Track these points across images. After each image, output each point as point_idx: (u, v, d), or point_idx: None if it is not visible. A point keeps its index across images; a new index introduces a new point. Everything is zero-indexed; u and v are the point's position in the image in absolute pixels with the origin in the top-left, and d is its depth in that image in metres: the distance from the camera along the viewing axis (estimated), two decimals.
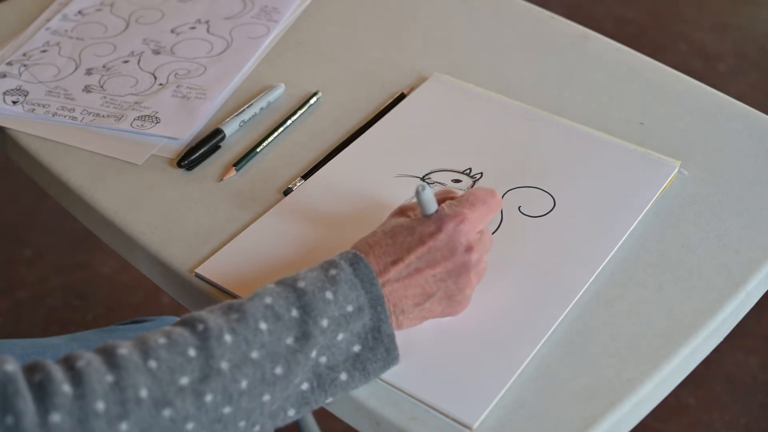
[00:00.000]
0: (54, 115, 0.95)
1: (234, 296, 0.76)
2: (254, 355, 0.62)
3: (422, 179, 0.85)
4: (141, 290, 1.84)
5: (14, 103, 0.97)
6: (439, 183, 0.85)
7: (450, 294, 0.71)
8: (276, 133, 0.92)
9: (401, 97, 0.95)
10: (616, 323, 0.73)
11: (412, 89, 0.96)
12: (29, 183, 1.03)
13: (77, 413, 0.56)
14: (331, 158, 0.89)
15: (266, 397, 0.63)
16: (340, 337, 0.66)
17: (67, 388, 0.57)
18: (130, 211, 0.85)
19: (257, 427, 0.64)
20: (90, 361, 0.59)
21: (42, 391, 0.56)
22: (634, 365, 0.70)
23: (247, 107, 0.94)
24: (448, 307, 0.72)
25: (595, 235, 0.80)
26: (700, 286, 0.76)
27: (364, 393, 0.69)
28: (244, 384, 0.62)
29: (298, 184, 0.86)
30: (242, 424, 0.63)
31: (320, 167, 0.88)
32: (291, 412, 0.66)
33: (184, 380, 0.60)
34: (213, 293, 0.77)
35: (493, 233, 0.80)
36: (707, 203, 0.83)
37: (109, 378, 0.58)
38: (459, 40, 1.04)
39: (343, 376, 0.66)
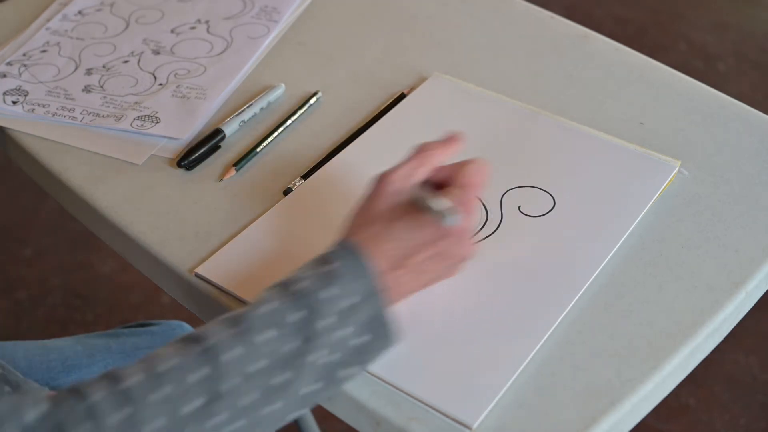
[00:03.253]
0: (54, 115, 0.95)
1: (234, 296, 0.76)
2: (261, 365, 0.62)
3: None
4: (141, 290, 1.84)
5: (14, 103, 0.97)
6: None
7: (446, 274, 0.74)
8: (276, 133, 0.92)
9: (401, 97, 0.95)
10: (616, 323, 0.73)
11: (412, 89, 0.96)
12: (29, 183, 1.03)
13: None
14: (331, 158, 0.89)
15: (278, 405, 0.63)
16: (345, 332, 0.65)
17: (86, 427, 0.57)
18: (130, 211, 0.85)
19: (278, 424, 0.65)
20: (102, 398, 0.59)
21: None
22: (634, 365, 0.70)
23: (247, 107, 0.94)
24: (440, 278, 0.74)
25: (595, 235, 0.80)
26: (700, 286, 0.76)
27: (364, 393, 0.69)
28: (255, 396, 0.62)
29: (298, 184, 0.86)
30: (259, 430, 0.63)
31: (320, 167, 0.88)
32: (305, 410, 0.66)
33: (196, 404, 0.60)
34: (213, 293, 0.77)
35: (492, 233, 0.80)
36: (707, 203, 0.83)
37: (122, 415, 0.58)
38: (459, 40, 1.04)
39: (354, 369, 0.67)
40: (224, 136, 0.92)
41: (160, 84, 0.99)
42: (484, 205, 0.83)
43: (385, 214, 0.71)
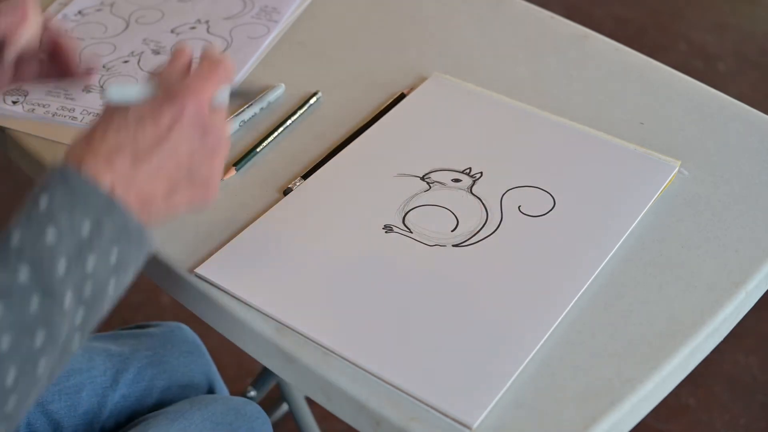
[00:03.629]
0: (54, 115, 0.95)
1: (234, 296, 0.76)
2: (4, 345, 0.56)
3: (422, 179, 0.85)
4: (141, 290, 1.84)
5: (14, 103, 0.97)
6: (439, 183, 0.85)
7: (196, 180, 0.67)
8: (276, 133, 0.92)
9: (401, 97, 0.95)
10: (616, 323, 0.73)
11: (412, 89, 0.96)
12: (29, 183, 1.03)
13: None
14: (331, 158, 0.89)
15: (41, 366, 0.58)
16: (90, 263, 0.60)
17: None
18: None
19: (52, 376, 0.60)
20: None
21: None
22: (634, 365, 0.70)
23: (247, 107, 0.94)
24: (195, 195, 0.68)
25: (595, 235, 0.80)
26: (700, 286, 0.76)
27: (364, 393, 0.69)
28: (10, 378, 0.57)
29: (298, 184, 0.86)
30: (34, 394, 0.59)
31: (320, 167, 0.88)
32: (75, 345, 0.61)
33: None
34: (213, 293, 0.77)
35: (492, 233, 0.80)
36: (707, 203, 0.83)
37: None
38: (459, 40, 1.04)
39: (111, 287, 0.62)
40: None
41: None
42: (484, 205, 0.83)
43: (109, 125, 0.64)
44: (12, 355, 0.57)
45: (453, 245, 0.79)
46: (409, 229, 0.81)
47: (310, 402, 1.41)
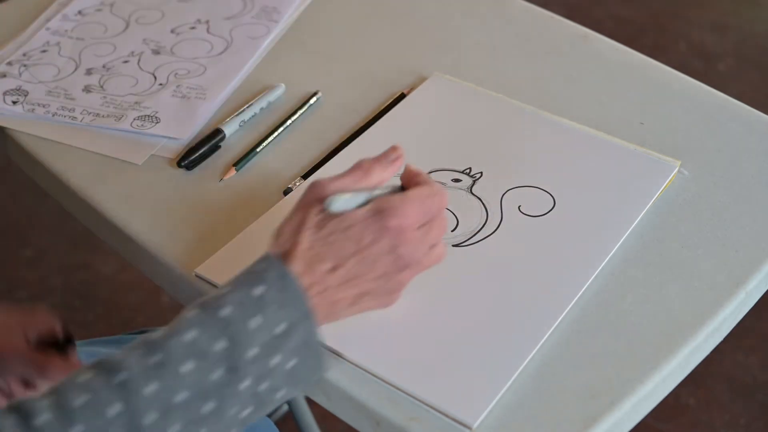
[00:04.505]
0: (54, 115, 0.95)
1: None
2: (180, 398, 0.60)
3: None
4: (141, 290, 1.84)
5: (14, 103, 0.97)
6: (439, 182, 0.85)
7: (383, 291, 0.70)
8: (276, 133, 0.92)
9: (401, 97, 0.95)
10: (616, 323, 0.73)
11: (412, 89, 0.96)
12: (29, 183, 1.03)
13: None
14: (331, 158, 0.89)
15: None
16: (271, 360, 0.63)
17: None
18: (130, 211, 0.85)
19: None
20: None
21: None
22: (634, 365, 0.70)
23: (247, 107, 0.94)
24: (378, 303, 0.71)
25: (595, 234, 0.80)
26: (700, 286, 0.76)
27: (364, 393, 0.69)
28: (176, 427, 0.60)
29: (298, 184, 0.86)
30: None
31: (320, 167, 0.88)
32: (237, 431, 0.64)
33: None
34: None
35: (492, 233, 0.80)
36: (707, 203, 0.83)
37: None
38: (459, 40, 1.04)
39: (284, 392, 0.65)
40: (224, 136, 0.92)
41: (160, 84, 0.99)
42: (484, 205, 0.83)
43: (318, 233, 0.68)
44: (182, 412, 0.60)
45: (453, 245, 0.79)
46: None
47: (310, 402, 1.41)
